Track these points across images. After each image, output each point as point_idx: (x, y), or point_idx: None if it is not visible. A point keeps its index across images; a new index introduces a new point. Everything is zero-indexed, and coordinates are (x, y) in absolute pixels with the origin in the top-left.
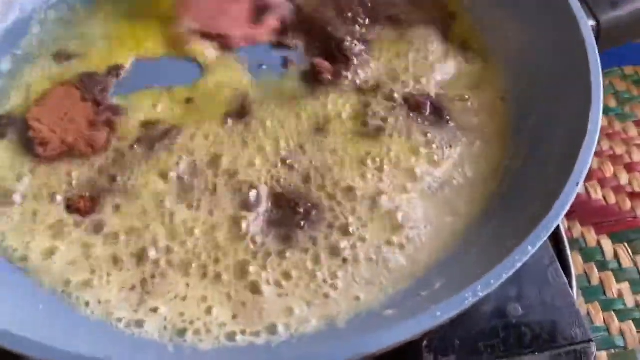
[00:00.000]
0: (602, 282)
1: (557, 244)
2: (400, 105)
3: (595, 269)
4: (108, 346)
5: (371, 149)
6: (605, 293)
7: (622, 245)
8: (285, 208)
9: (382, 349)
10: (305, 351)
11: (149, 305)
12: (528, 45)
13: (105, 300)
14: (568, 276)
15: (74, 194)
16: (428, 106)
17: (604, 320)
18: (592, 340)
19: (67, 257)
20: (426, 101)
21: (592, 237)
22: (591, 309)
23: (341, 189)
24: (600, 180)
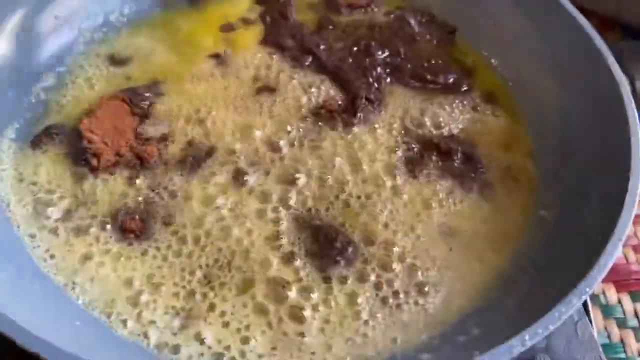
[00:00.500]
0: (622, 339)
1: None
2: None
3: (615, 326)
4: None
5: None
6: (625, 351)
7: None
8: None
9: None
10: None
11: (190, 331)
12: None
13: (147, 322)
14: None
15: (124, 211)
16: (459, 154)
17: None
18: None
19: (112, 275)
20: (457, 148)
21: (612, 294)
22: None
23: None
24: None
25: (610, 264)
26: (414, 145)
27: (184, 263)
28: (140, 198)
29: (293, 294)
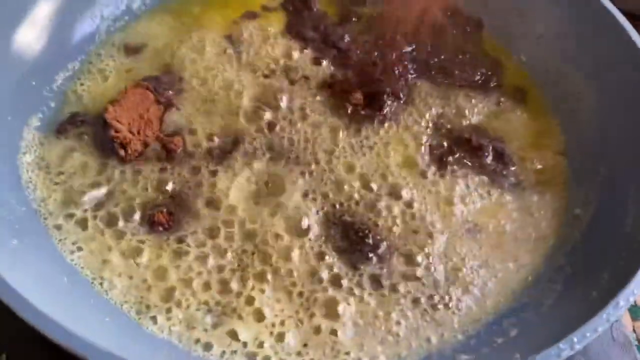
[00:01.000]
0: None
1: None
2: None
3: None
4: None
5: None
6: None
7: None
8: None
9: None
10: None
11: (223, 328)
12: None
13: (178, 318)
14: None
15: (152, 204)
16: (490, 150)
17: None
18: None
19: (141, 269)
20: (488, 144)
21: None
22: None
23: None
24: None
25: None
26: (443, 141)
27: (215, 257)
28: (169, 189)
29: (326, 290)
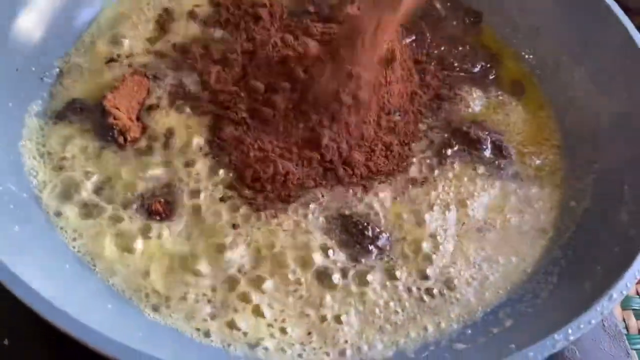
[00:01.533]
0: None
1: None
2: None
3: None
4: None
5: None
6: None
7: None
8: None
9: None
10: None
11: (224, 318)
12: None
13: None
14: None
15: (150, 193)
16: (488, 143)
17: None
18: None
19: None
20: (487, 137)
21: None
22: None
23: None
24: None
25: None
26: (442, 134)
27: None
28: (166, 178)
29: (330, 280)
